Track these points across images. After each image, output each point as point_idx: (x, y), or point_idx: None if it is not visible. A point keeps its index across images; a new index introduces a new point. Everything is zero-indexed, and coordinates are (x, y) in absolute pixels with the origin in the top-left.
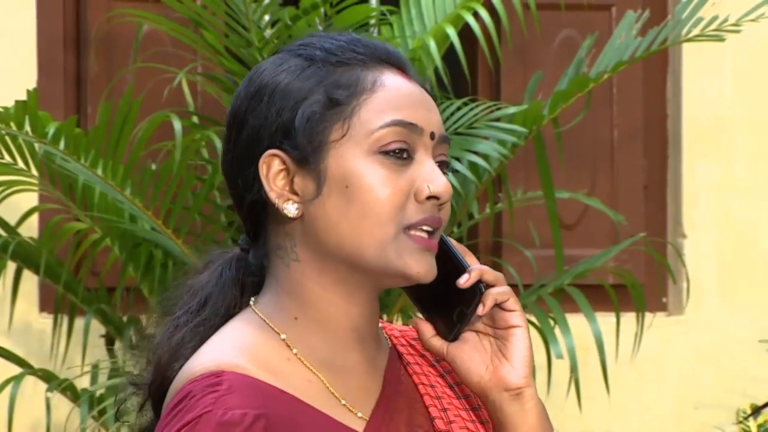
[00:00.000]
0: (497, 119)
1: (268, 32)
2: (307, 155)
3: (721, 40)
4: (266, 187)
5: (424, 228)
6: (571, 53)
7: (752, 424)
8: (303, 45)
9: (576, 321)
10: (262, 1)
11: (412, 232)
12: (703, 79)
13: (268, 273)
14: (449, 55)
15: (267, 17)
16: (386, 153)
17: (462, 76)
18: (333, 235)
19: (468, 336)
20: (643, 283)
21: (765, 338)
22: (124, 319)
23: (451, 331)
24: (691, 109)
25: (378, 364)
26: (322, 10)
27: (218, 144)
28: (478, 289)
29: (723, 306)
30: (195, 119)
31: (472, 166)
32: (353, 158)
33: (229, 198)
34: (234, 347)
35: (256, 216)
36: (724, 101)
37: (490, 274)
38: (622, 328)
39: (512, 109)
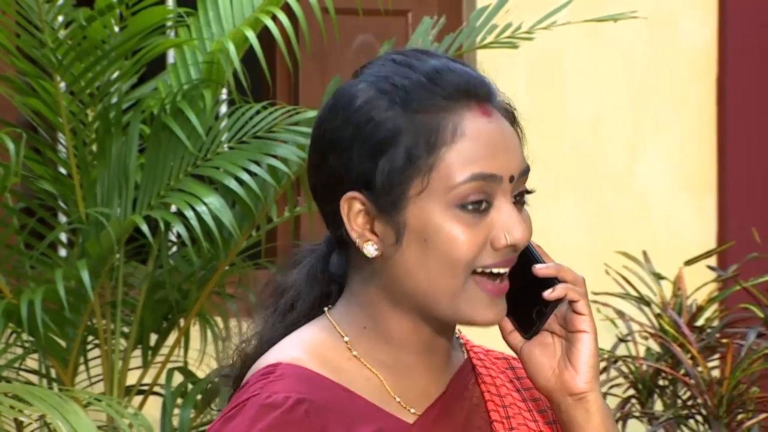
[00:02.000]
0: (296, 123)
1: (62, 33)
2: (387, 207)
3: (515, 47)
4: (347, 226)
5: (494, 271)
6: (368, 58)
7: None
8: (385, 77)
9: None
10: (55, 1)
11: (480, 278)
12: (497, 85)
13: (346, 284)
14: (248, 58)
15: (61, 18)
16: (465, 206)
17: (261, 79)
18: (410, 282)
19: (542, 338)
20: None
21: None
22: None
23: (529, 329)
24: None
25: (445, 372)
26: (117, 11)
27: (10, 145)
28: (555, 283)
29: None
30: None
31: (272, 170)
32: (432, 212)
33: (22, 201)
34: (297, 344)
35: (341, 235)
36: (517, 106)
37: (569, 273)
38: None
39: (311, 113)
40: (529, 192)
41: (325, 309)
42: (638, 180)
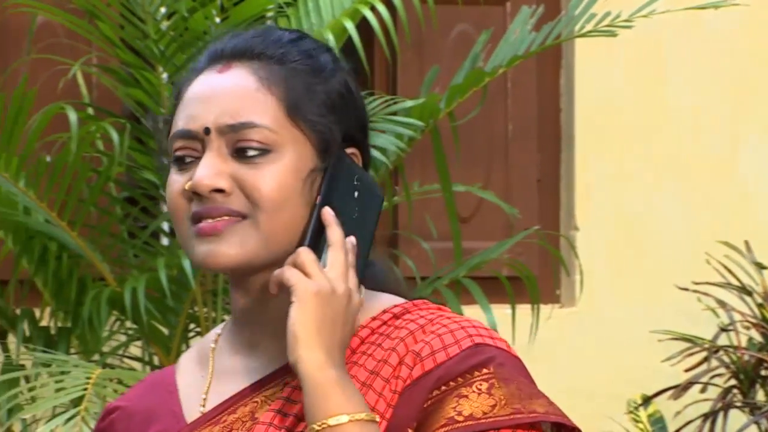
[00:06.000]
0: (394, 113)
1: (164, 24)
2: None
3: (614, 35)
4: None
5: (202, 220)
6: (466, 48)
7: (642, 413)
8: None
9: (472, 313)
10: None
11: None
12: (596, 73)
13: None
14: (346, 48)
15: (163, 9)
16: (174, 162)
17: (359, 70)
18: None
19: None
20: (537, 275)
21: (655, 329)
22: (18, 311)
23: None
24: (584, 104)
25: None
26: (219, 2)
27: (114, 136)
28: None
29: (615, 297)
30: (90, 111)
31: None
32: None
33: (126, 190)
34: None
35: None
36: (616, 96)
37: (292, 257)
38: (516, 320)
39: (409, 103)
40: (254, 148)
41: None
42: (740, 169)
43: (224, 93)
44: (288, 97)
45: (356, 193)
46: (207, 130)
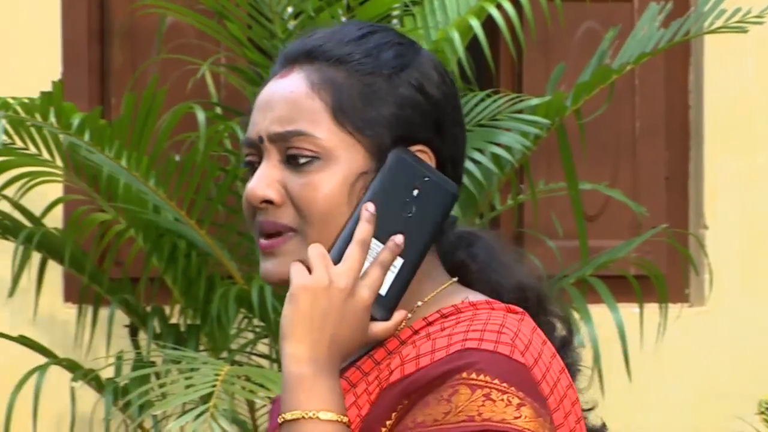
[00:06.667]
0: (520, 111)
1: (291, 24)
2: None
3: (744, 31)
4: None
5: (262, 234)
6: (593, 45)
7: None
8: None
9: (598, 311)
10: None
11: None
12: (726, 70)
13: None
14: (472, 46)
15: (290, 9)
16: (245, 167)
17: (485, 68)
18: None
19: None
20: (665, 274)
21: None
22: (148, 309)
23: None
24: (713, 101)
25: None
26: (345, 1)
27: (241, 135)
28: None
29: (745, 296)
30: (218, 110)
31: (495, 158)
32: None
33: None
34: None
35: None
36: (747, 92)
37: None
38: (643, 319)
39: (535, 101)
40: (303, 156)
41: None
42: None
43: (277, 99)
44: (336, 101)
45: (416, 192)
46: (260, 139)
